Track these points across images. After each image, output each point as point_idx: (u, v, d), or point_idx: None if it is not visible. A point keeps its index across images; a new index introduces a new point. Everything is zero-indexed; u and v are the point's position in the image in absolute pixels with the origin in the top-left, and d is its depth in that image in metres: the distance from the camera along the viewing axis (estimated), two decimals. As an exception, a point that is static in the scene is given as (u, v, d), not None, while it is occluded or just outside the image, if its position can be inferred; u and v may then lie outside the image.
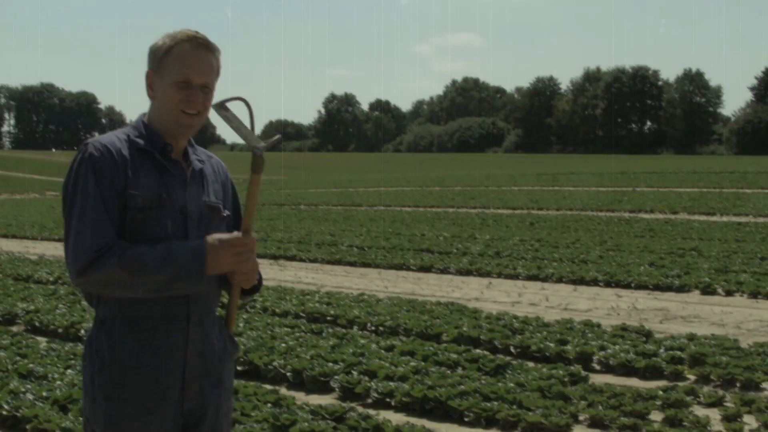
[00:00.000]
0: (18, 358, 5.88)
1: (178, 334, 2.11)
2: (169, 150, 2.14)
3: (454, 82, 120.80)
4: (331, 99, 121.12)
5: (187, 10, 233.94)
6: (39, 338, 6.84)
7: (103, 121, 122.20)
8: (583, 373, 5.42)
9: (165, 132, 2.15)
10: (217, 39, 2.21)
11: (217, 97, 2.24)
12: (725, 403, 4.88)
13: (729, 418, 4.57)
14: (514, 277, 9.94)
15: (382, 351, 5.96)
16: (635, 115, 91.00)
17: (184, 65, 2.10)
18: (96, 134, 2.22)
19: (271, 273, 10.88)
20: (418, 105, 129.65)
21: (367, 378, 5.29)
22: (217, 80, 2.21)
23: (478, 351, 5.93)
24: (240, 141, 2.18)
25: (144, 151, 2.12)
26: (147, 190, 2.09)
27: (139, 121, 2.20)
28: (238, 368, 5.71)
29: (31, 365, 5.59)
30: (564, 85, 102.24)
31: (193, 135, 2.25)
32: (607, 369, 5.70)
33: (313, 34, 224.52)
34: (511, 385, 5.06)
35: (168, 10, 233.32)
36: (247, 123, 2.22)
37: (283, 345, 6.07)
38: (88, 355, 2.09)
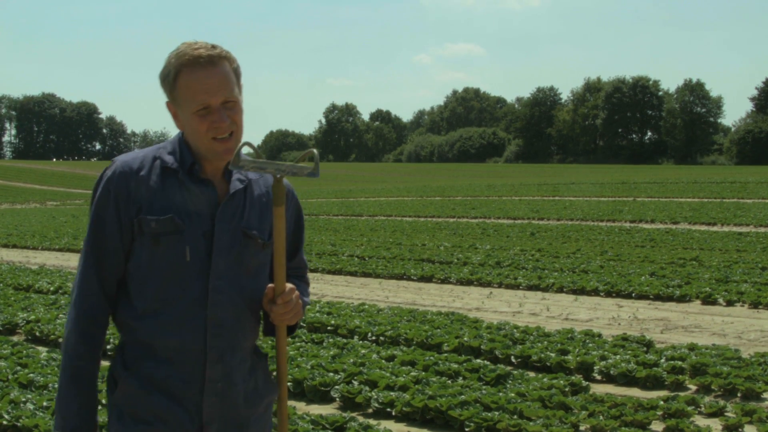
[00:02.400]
0: (18, 368, 5.88)
1: (193, 371, 1.94)
2: (197, 169, 1.97)
3: (454, 92, 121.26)
4: (332, 109, 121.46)
5: (187, 19, 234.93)
6: (39, 348, 6.84)
7: (104, 131, 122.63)
8: (584, 383, 5.41)
9: (202, 156, 1.99)
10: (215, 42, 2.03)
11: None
12: (726, 414, 4.88)
13: (730, 428, 4.56)
14: (515, 287, 9.94)
15: (383, 361, 5.96)
16: (636, 125, 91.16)
17: (195, 93, 1.92)
18: (119, 160, 2.03)
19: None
20: (419, 115, 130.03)
21: (367, 388, 5.28)
22: (240, 83, 2.01)
23: (478, 361, 5.92)
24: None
25: (171, 170, 1.97)
26: (162, 213, 1.93)
27: (176, 138, 2.05)
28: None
29: (31, 375, 5.58)
30: (564, 95, 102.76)
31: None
32: (608, 379, 5.69)
33: (314, 44, 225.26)
34: (512, 395, 5.05)
35: (169, 20, 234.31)
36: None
37: (284, 355, 6.06)
38: (108, 376, 2.01)
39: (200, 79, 1.92)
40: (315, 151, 1.94)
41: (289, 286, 1.99)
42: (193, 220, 1.94)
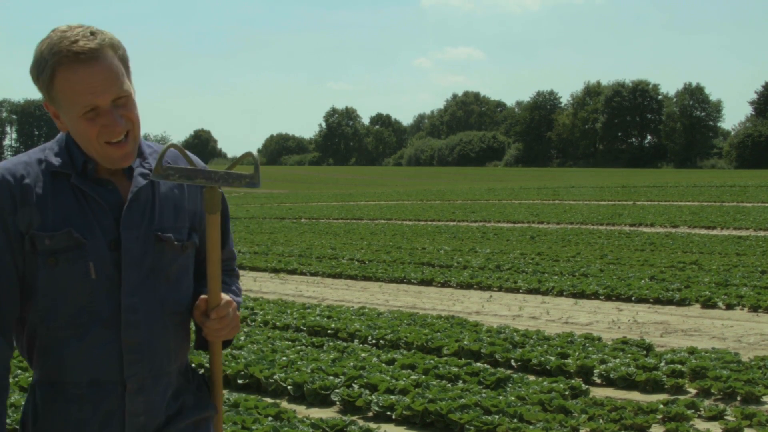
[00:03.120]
0: (19, 371, 5.89)
1: (110, 405, 1.68)
2: (91, 168, 1.67)
3: (454, 95, 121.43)
4: (332, 113, 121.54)
5: (187, 22, 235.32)
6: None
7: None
8: (584, 386, 5.42)
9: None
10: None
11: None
12: (726, 417, 4.88)
13: (730, 432, 4.56)
14: (515, 290, 9.95)
15: (383, 364, 5.96)
16: (635, 128, 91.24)
17: (78, 94, 1.60)
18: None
19: (272, 286, 10.90)
20: (419, 119, 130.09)
21: (367, 391, 5.29)
22: (129, 71, 1.70)
23: (478, 364, 5.93)
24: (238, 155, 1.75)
25: (61, 174, 1.66)
26: (56, 227, 1.63)
27: (62, 135, 1.73)
28: (239, 381, 5.72)
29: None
30: (564, 99, 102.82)
31: (134, 158, 1.74)
32: (608, 382, 5.70)
33: (314, 48, 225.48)
34: (512, 398, 5.06)
35: (168, 23, 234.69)
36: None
37: (284, 358, 6.07)
38: (20, 425, 1.75)
39: (83, 78, 1.59)
40: (254, 153, 1.67)
41: (225, 298, 1.74)
42: (94, 231, 1.65)
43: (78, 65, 1.59)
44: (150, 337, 1.70)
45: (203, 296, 1.75)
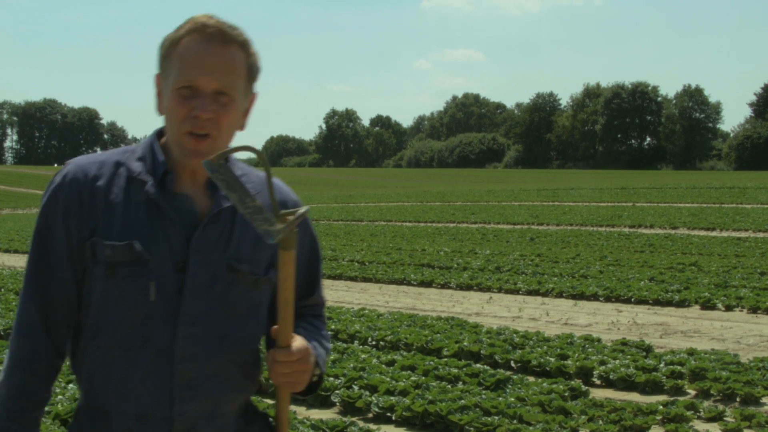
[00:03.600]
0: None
1: None
2: (169, 180, 1.53)
3: (454, 97, 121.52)
4: (332, 114, 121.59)
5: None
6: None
7: (105, 136, 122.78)
8: (584, 387, 5.43)
9: (177, 157, 1.55)
10: None
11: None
12: (725, 418, 4.89)
13: (729, 433, 4.57)
14: (515, 291, 9.96)
15: (383, 366, 5.97)
16: (635, 130, 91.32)
17: (186, 65, 1.49)
18: (72, 163, 1.57)
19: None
20: (419, 120, 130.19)
21: (367, 392, 5.30)
22: (251, 86, 1.58)
23: (478, 366, 5.94)
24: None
25: (138, 181, 1.53)
26: (120, 237, 1.49)
27: (149, 139, 1.60)
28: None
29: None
30: (564, 100, 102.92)
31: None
32: (608, 383, 5.71)
33: (314, 50, 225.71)
34: (512, 399, 5.07)
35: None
36: (255, 185, 1.57)
37: (284, 360, 6.07)
38: None
39: (199, 51, 1.50)
40: (304, 210, 1.48)
41: (298, 343, 1.51)
42: (161, 248, 1.49)
43: (202, 38, 1.50)
44: (207, 373, 1.52)
45: (274, 327, 1.52)
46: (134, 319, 1.50)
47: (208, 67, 1.49)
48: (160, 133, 1.60)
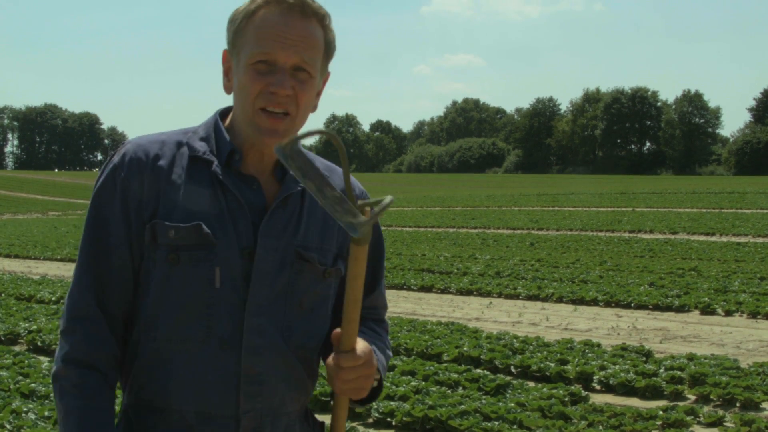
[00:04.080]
0: (20, 377, 5.90)
1: None
2: (237, 161, 1.43)
3: (454, 102, 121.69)
4: (333, 119, 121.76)
5: (190, 30, 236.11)
6: (41, 358, 6.86)
7: (106, 141, 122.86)
8: (584, 392, 5.44)
9: (245, 138, 1.45)
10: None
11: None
12: (725, 423, 4.90)
13: (729, 438, 4.58)
14: (515, 296, 9.97)
15: (383, 371, 5.98)
16: (634, 135, 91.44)
17: (264, 37, 1.39)
18: (131, 143, 1.47)
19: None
20: (419, 125, 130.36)
21: (368, 398, 5.30)
22: (327, 64, 1.48)
23: (478, 371, 5.95)
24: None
25: (202, 161, 1.43)
26: (185, 218, 1.39)
27: (212, 119, 1.50)
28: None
29: (33, 385, 5.60)
30: (563, 105, 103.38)
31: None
32: (608, 389, 5.72)
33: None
34: (512, 404, 5.08)
35: (171, 31, 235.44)
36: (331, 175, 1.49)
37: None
38: None
39: (278, 22, 1.39)
40: (389, 199, 1.27)
41: (361, 346, 1.39)
42: (227, 232, 1.40)
43: (281, 10, 1.39)
44: (274, 368, 1.42)
45: (336, 330, 1.39)
46: (196, 308, 1.39)
47: (288, 41, 1.39)
48: (222, 114, 1.52)
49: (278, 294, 1.43)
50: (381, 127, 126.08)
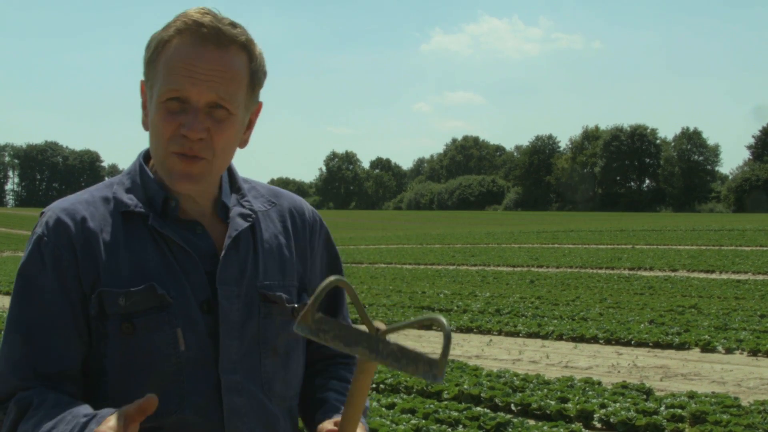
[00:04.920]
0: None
1: None
2: (173, 207, 1.29)
3: (454, 140, 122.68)
4: (333, 157, 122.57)
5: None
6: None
7: (106, 179, 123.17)
8: (584, 431, 5.43)
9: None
10: None
11: None
12: (726, 462, 4.88)
13: (730, 477, 4.55)
14: (515, 334, 9.96)
15: (383, 409, 5.97)
16: (633, 173, 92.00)
17: (174, 71, 1.23)
18: (51, 209, 1.31)
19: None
20: (419, 163, 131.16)
21: (367, 436, 5.28)
22: (255, 95, 1.31)
23: (478, 409, 5.93)
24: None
25: (135, 215, 1.28)
26: (133, 282, 1.23)
27: (135, 166, 1.35)
28: None
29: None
30: (563, 143, 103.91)
31: (209, 188, 1.32)
32: (608, 427, 5.70)
33: (314, 92, 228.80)
34: (512, 443, 5.06)
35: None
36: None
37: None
38: None
39: (190, 54, 1.23)
40: (444, 321, 1.02)
41: None
42: (182, 287, 1.25)
43: (195, 40, 1.23)
44: (260, 426, 1.29)
45: (333, 421, 1.27)
46: (164, 378, 1.23)
47: (200, 76, 1.22)
48: (147, 156, 1.36)
49: (250, 344, 1.29)
50: (381, 164, 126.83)
